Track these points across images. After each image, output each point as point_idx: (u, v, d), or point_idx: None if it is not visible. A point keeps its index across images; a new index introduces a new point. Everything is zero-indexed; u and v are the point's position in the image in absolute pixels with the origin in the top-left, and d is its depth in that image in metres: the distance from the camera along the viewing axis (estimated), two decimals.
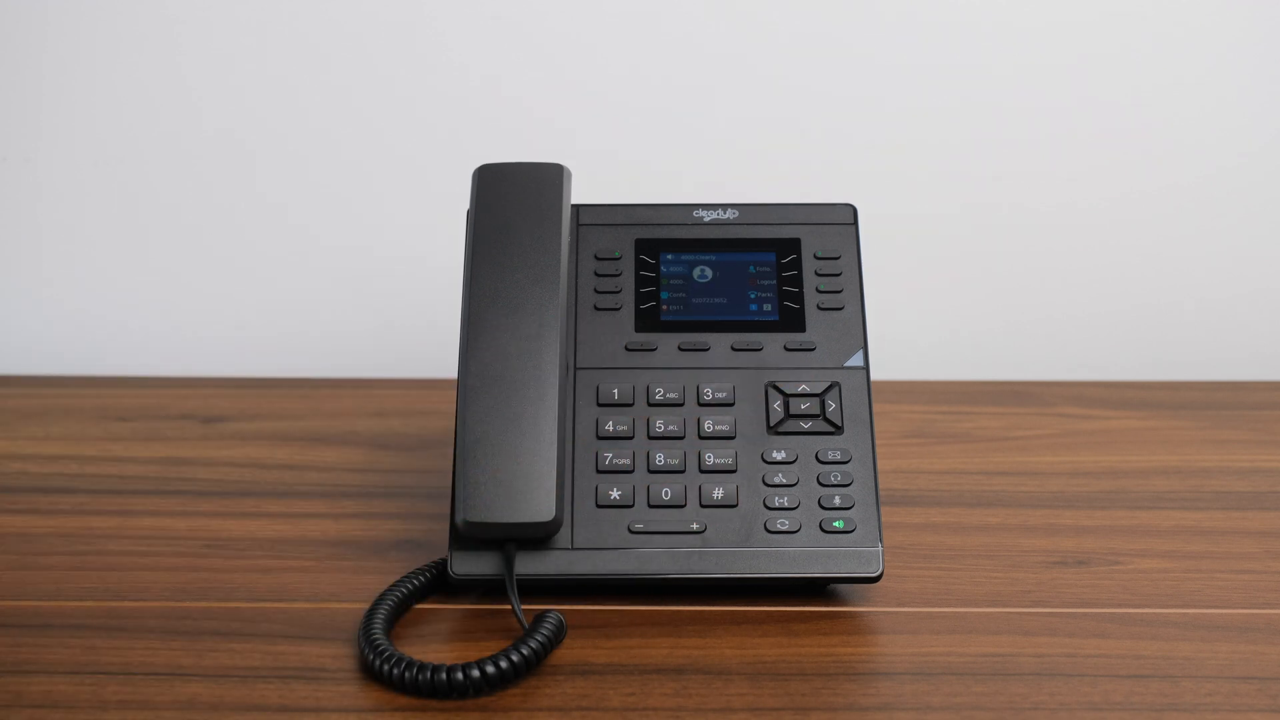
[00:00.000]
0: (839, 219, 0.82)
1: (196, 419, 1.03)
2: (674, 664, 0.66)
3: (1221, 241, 1.18)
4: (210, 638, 0.68)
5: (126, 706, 0.62)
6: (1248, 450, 0.98)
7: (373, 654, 0.64)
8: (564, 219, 0.78)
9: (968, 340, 1.19)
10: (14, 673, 0.65)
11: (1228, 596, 0.75)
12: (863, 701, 0.65)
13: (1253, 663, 0.67)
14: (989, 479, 0.92)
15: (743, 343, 0.78)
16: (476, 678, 0.62)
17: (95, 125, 1.15)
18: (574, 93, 1.15)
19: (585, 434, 0.75)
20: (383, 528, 0.83)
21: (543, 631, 0.65)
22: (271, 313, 1.18)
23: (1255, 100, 1.16)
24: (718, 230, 0.82)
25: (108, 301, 1.18)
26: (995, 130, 1.15)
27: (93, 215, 1.17)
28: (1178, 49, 1.15)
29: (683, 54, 1.15)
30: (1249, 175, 1.17)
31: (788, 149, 1.16)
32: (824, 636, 0.70)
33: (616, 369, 0.78)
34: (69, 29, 1.14)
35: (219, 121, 1.15)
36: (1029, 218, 1.17)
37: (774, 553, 0.72)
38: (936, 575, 0.77)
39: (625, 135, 1.15)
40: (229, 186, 1.17)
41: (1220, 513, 0.87)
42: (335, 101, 1.15)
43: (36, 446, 0.97)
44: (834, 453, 0.75)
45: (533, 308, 0.74)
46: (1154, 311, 1.19)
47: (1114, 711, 0.63)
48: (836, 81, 1.15)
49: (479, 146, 1.09)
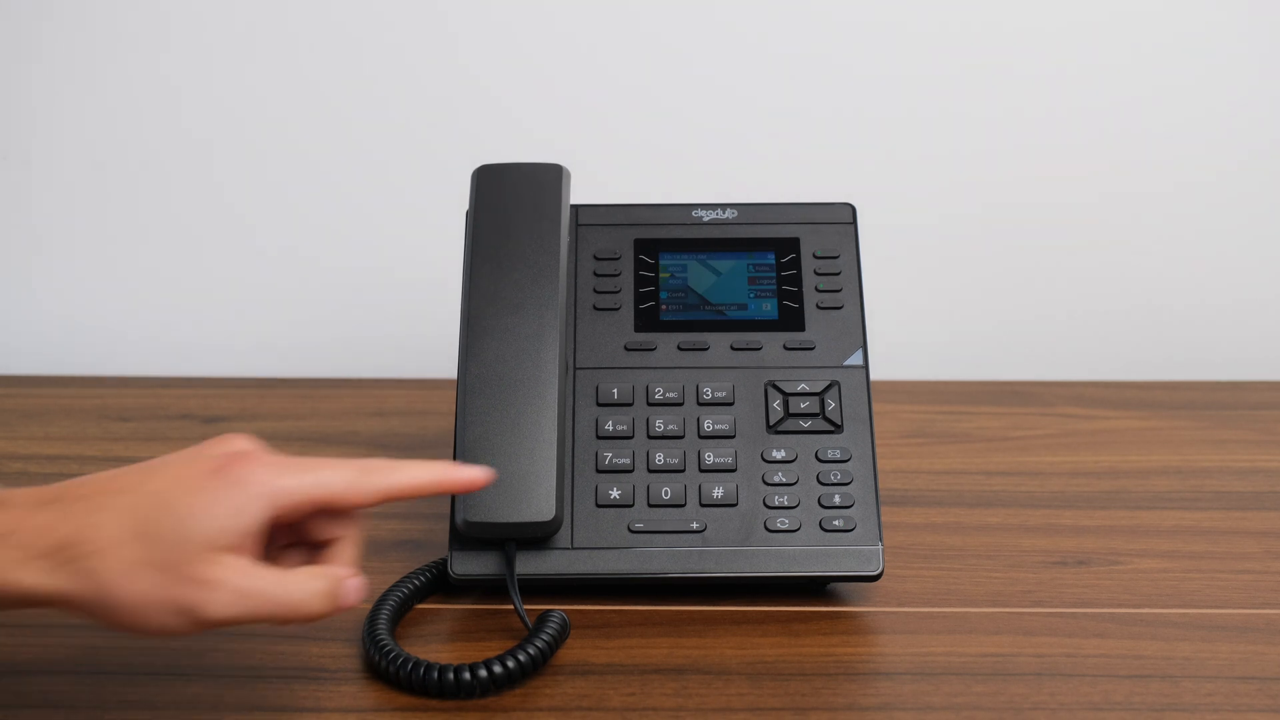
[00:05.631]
0: (838, 218, 0.82)
1: (196, 419, 1.03)
2: (674, 664, 0.66)
3: (1222, 242, 1.18)
4: (210, 638, 0.68)
5: (126, 706, 0.62)
6: (1248, 450, 0.98)
7: (379, 654, 0.64)
8: (563, 219, 0.78)
9: (968, 340, 1.19)
10: (14, 673, 0.65)
11: (1228, 596, 0.75)
12: (863, 701, 0.65)
13: (1253, 663, 0.67)
14: (989, 479, 0.92)
15: (742, 342, 0.78)
16: (484, 678, 0.62)
17: (95, 125, 1.15)
18: (574, 93, 1.15)
19: (585, 434, 0.75)
20: (383, 528, 0.83)
21: (548, 631, 0.65)
22: (271, 312, 1.18)
23: (1256, 102, 1.15)
24: (717, 230, 0.82)
25: (108, 301, 1.18)
26: (995, 130, 1.15)
27: (93, 215, 1.17)
28: (1179, 51, 1.14)
29: (683, 54, 1.15)
30: (1249, 176, 1.17)
31: (787, 149, 1.16)
32: (824, 636, 0.70)
33: (616, 369, 0.78)
34: (69, 29, 1.14)
35: (220, 121, 1.15)
36: (1029, 218, 1.17)
37: (774, 552, 0.72)
38: (936, 575, 0.77)
39: (625, 135, 1.15)
40: (230, 186, 1.17)
41: (1220, 513, 0.87)
42: (335, 101, 1.15)
43: (36, 446, 0.97)
44: (834, 452, 0.75)
45: (532, 308, 0.74)
46: (1154, 311, 1.19)
47: (1114, 711, 0.63)
48: (836, 81, 1.15)
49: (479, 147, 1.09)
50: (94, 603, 0.55)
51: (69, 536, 0.55)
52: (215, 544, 0.55)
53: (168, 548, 0.55)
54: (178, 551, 0.55)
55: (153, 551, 0.55)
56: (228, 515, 0.55)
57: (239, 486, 0.56)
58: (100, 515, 0.55)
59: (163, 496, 0.55)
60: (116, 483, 0.57)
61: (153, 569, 0.55)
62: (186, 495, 0.55)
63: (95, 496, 0.56)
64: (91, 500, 0.55)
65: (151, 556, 0.55)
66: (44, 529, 0.55)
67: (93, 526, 0.55)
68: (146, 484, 0.56)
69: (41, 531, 0.55)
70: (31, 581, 0.55)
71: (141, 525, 0.55)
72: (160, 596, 0.55)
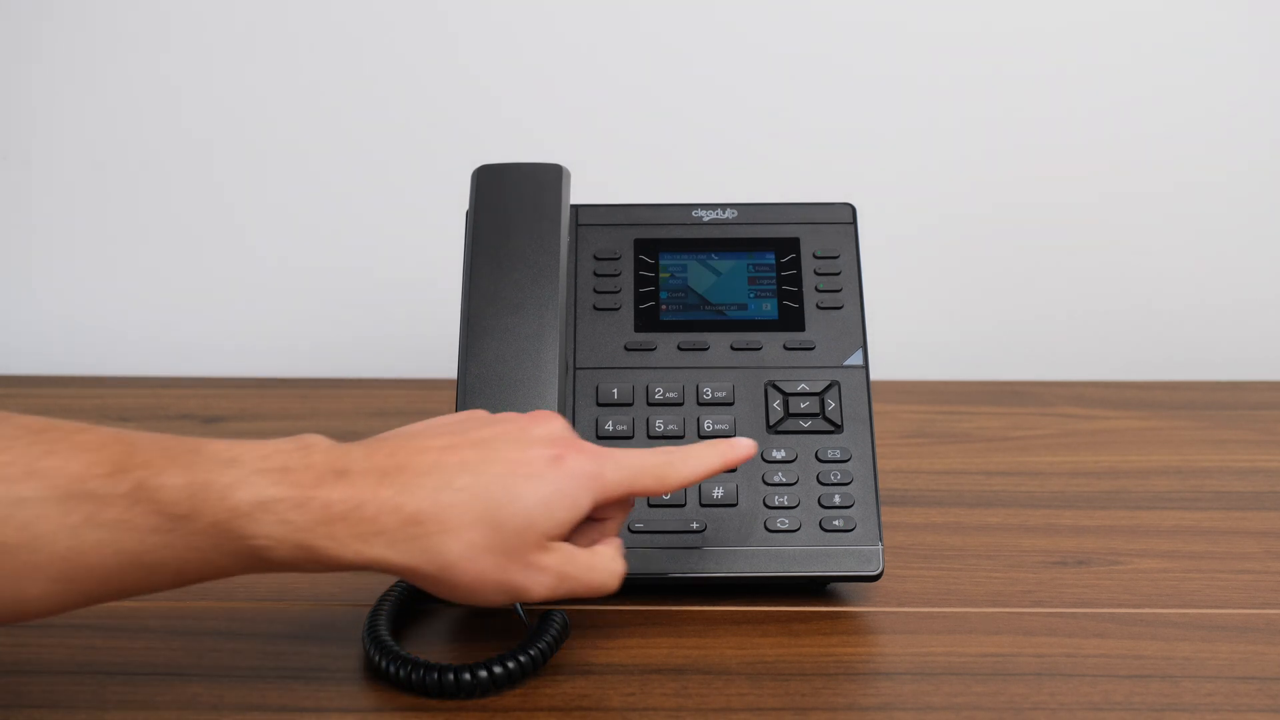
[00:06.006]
0: (838, 218, 0.82)
1: (196, 419, 1.03)
2: (674, 664, 0.66)
3: (1222, 242, 1.18)
4: (210, 638, 0.68)
5: (126, 706, 0.62)
6: (1248, 450, 0.98)
7: (380, 655, 0.64)
8: (563, 219, 0.78)
9: (968, 340, 1.19)
10: (14, 673, 0.65)
11: (1228, 596, 0.75)
12: (863, 701, 0.65)
13: (1253, 663, 0.67)
14: (989, 479, 0.92)
15: (742, 342, 0.78)
16: (484, 678, 0.62)
17: (95, 125, 1.15)
18: (573, 93, 1.15)
19: (585, 434, 0.75)
20: None
21: (550, 631, 0.65)
22: (271, 312, 1.18)
23: (1257, 102, 1.15)
24: (717, 230, 0.82)
25: (108, 301, 1.18)
26: (995, 130, 1.15)
27: (93, 215, 1.17)
28: (1178, 51, 1.14)
29: (682, 53, 1.15)
30: (1249, 176, 1.17)
31: (787, 148, 1.16)
32: (824, 636, 0.70)
33: (616, 369, 0.78)
34: (69, 29, 1.14)
35: (220, 121, 1.15)
36: (1029, 218, 1.17)
37: (774, 551, 0.72)
38: (936, 575, 0.77)
39: (624, 135, 1.15)
40: (230, 186, 1.17)
41: (1220, 513, 0.87)
42: (335, 102, 1.15)
43: None
44: (834, 451, 0.75)
45: (532, 308, 0.74)
46: (1154, 311, 1.19)
47: (1114, 711, 0.63)
48: (836, 81, 1.15)
49: (478, 146, 1.09)
50: (434, 577, 0.58)
51: (416, 514, 0.57)
52: (550, 534, 0.60)
53: (509, 535, 0.58)
54: (518, 539, 0.59)
55: (496, 537, 0.58)
56: (565, 510, 0.60)
57: (573, 480, 0.60)
58: (447, 495, 0.58)
59: (506, 484, 0.59)
60: (456, 454, 0.59)
61: (493, 553, 0.58)
62: (529, 485, 0.59)
63: (437, 472, 0.58)
64: (435, 477, 0.58)
65: (493, 542, 0.58)
66: (391, 507, 0.57)
67: (441, 507, 0.58)
68: (488, 465, 0.59)
69: (388, 510, 0.57)
70: (374, 554, 0.57)
71: (487, 511, 0.58)
72: (495, 577, 0.59)
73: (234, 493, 0.55)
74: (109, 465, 0.55)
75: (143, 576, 0.56)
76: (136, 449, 0.56)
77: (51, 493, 0.54)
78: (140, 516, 0.55)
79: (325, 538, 0.56)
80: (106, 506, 0.54)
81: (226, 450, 0.57)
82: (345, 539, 0.57)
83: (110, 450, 0.55)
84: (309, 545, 0.56)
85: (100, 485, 0.54)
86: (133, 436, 0.57)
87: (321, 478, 0.57)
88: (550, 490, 0.59)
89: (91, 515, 0.54)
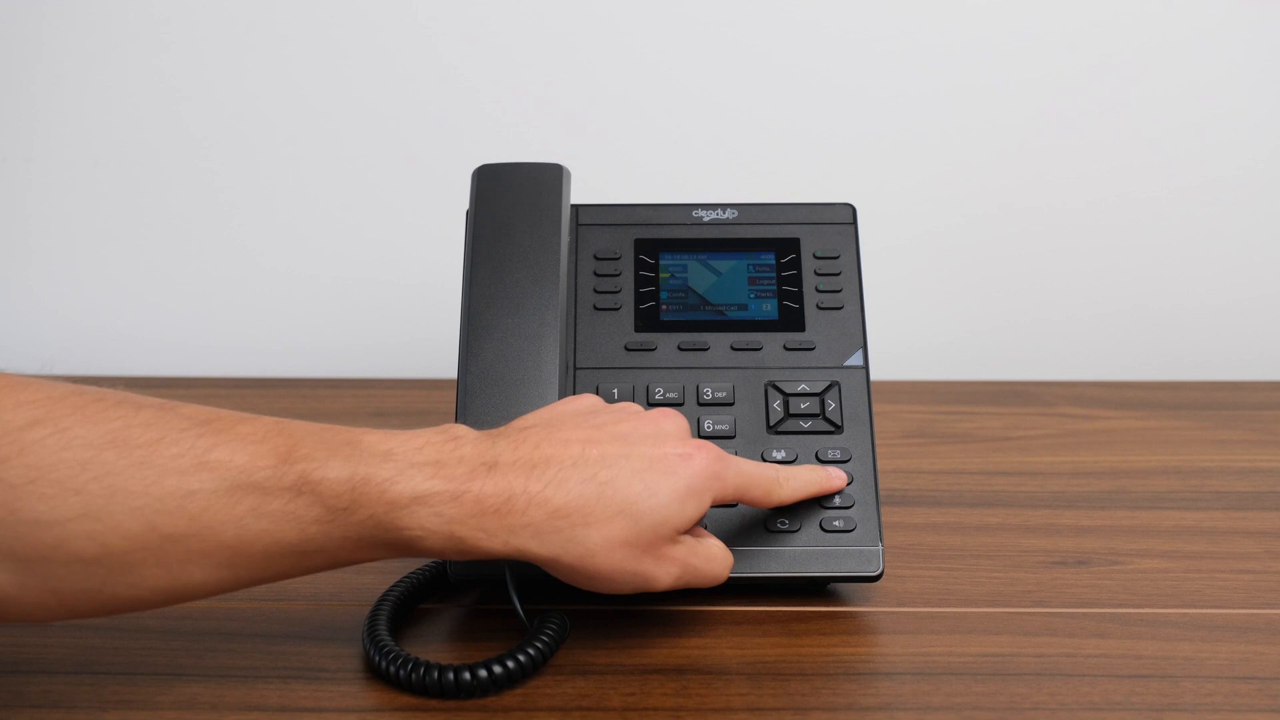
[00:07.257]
0: (838, 219, 0.82)
1: None
2: (674, 664, 0.66)
3: (1222, 242, 1.18)
4: (210, 638, 0.68)
5: (126, 706, 0.62)
6: (1248, 450, 0.98)
7: (379, 655, 0.64)
8: (563, 219, 0.78)
9: (968, 340, 1.19)
10: (14, 673, 0.65)
11: (1228, 596, 0.75)
12: (863, 701, 0.65)
13: (1253, 663, 0.67)
14: (989, 479, 0.92)
15: (742, 342, 0.78)
16: (484, 678, 0.62)
17: (95, 126, 1.15)
18: (573, 93, 1.15)
19: None
20: None
21: (549, 631, 0.65)
22: (271, 312, 1.18)
23: (1257, 104, 1.16)
24: (717, 230, 0.82)
25: (108, 302, 1.18)
26: (995, 131, 1.15)
27: (93, 216, 1.17)
28: (1178, 53, 1.14)
29: (682, 53, 1.15)
30: (1250, 177, 1.17)
31: (787, 149, 1.16)
32: (824, 636, 0.70)
33: (616, 369, 0.78)
34: (69, 29, 1.14)
35: (220, 122, 1.15)
36: (1029, 218, 1.17)
37: (774, 552, 0.72)
38: (936, 575, 0.77)
39: (624, 135, 1.15)
40: (230, 186, 1.17)
41: (1220, 513, 0.87)
42: (335, 101, 1.15)
43: None
44: (834, 452, 0.75)
45: (533, 308, 0.74)
46: (1154, 311, 1.19)
47: (1114, 711, 0.63)
48: (836, 81, 1.15)
49: (478, 146, 1.09)
50: (573, 566, 0.61)
51: (563, 508, 0.60)
52: (680, 529, 0.63)
53: (646, 529, 0.61)
54: (654, 534, 0.62)
55: (634, 531, 0.61)
56: (694, 506, 0.63)
57: (701, 478, 0.63)
58: (591, 489, 0.61)
59: (645, 479, 0.62)
60: (597, 448, 0.62)
61: (630, 545, 0.61)
62: (666, 481, 0.62)
63: (582, 465, 0.61)
64: (580, 470, 0.61)
65: (630, 535, 0.61)
66: (540, 500, 0.60)
67: (585, 500, 0.60)
68: (627, 460, 0.62)
69: (537, 503, 0.60)
70: (520, 545, 0.60)
71: (627, 504, 0.61)
72: (629, 568, 0.62)
73: (393, 486, 0.58)
74: (273, 458, 0.57)
75: (298, 562, 0.59)
76: (298, 441, 0.58)
77: (220, 485, 0.56)
78: (303, 508, 0.57)
79: (476, 529, 0.59)
80: (271, 498, 0.57)
81: (381, 443, 0.60)
82: (495, 531, 0.59)
83: (273, 442, 0.58)
84: (460, 536, 0.59)
85: (266, 478, 0.57)
86: (292, 427, 0.59)
87: (473, 471, 0.60)
88: (684, 487, 0.62)
89: (257, 506, 0.57)
